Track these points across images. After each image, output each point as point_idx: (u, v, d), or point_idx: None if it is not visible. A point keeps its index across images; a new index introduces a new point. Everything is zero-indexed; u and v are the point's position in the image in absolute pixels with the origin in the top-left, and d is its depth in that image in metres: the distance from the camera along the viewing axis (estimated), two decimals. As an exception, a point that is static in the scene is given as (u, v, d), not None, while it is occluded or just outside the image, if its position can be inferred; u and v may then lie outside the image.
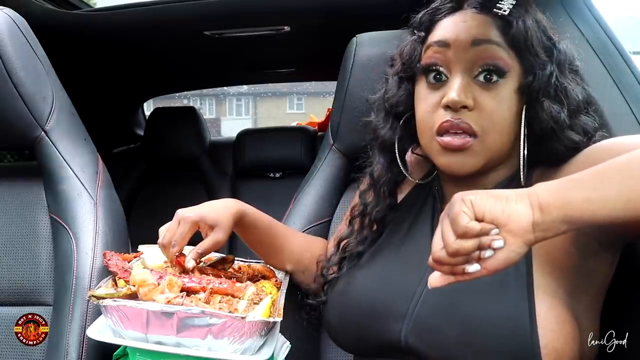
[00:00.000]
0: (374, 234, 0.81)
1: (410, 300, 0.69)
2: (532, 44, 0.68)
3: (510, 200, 0.52)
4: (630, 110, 0.79)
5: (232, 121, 9.80)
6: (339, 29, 1.19)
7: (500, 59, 0.68)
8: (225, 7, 1.39)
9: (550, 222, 0.50)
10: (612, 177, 0.51)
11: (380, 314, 0.71)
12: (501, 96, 0.68)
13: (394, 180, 0.81)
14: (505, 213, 0.51)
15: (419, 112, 0.75)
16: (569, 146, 0.68)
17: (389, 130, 0.80)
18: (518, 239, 0.51)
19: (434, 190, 0.80)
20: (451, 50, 0.70)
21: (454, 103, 0.68)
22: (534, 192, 0.52)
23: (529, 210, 0.51)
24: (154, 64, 2.02)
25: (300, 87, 7.80)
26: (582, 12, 0.88)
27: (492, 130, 0.68)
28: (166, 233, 0.77)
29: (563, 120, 0.67)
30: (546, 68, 0.68)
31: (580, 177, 0.52)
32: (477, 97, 0.68)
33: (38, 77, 0.94)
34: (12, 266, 0.92)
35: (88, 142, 1.01)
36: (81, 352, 0.83)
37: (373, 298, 0.72)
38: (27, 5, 1.31)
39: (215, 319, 0.64)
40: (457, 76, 0.69)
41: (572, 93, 0.69)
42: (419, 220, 0.79)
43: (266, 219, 0.87)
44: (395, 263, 0.75)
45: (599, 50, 0.84)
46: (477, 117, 0.68)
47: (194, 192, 2.20)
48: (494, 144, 0.69)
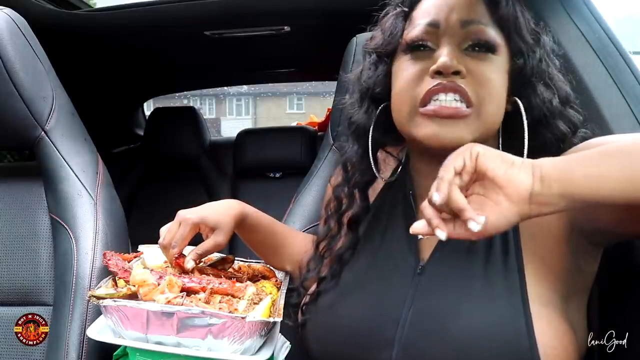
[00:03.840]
0: (350, 240, 0.76)
1: (397, 324, 0.64)
2: (520, 27, 0.66)
3: (515, 165, 0.51)
4: (630, 110, 0.78)
5: (232, 121, 9.79)
6: (339, 29, 1.19)
7: (490, 37, 0.65)
8: (225, 7, 1.39)
9: (549, 195, 0.50)
10: (614, 156, 0.51)
11: (366, 343, 0.66)
12: (494, 70, 0.65)
13: (366, 180, 0.77)
14: (507, 175, 0.50)
15: (397, 85, 0.69)
16: (557, 136, 0.66)
17: (364, 115, 0.75)
18: (513, 206, 0.50)
19: (407, 192, 0.75)
20: (440, 30, 0.66)
21: (446, 67, 0.62)
22: (538, 164, 0.51)
23: (529, 179, 0.50)
24: (154, 64, 2.02)
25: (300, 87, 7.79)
26: (582, 12, 0.88)
27: (487, 101, 0.64)
28: (166, 234, 0.77)
29: (555, 107, 0.66)
30: (536, 52, 0.66)
31: (582, 155, 0.52)
32: (469, 66, 0.64)
33: (38, 77, 0.94)
34: (12, 266, 0.92)
35: (88, 142, 1.01)
36: (81, 352, 0.83)
37: (358, 327, 0.67)
38: (27, 5, 1.31)
39: (215, 319, 0.64)
40: (446, 46, 0.65)
41: (560, 83, 0.68)
42: (392, 227, 0.74)
43: (267, 219, 0.87)
44: (376, 284, 0.70)
45: (599, 50, 0.84)
46: (472, 84, 0.63)
47: (194, 192, 2.21)
48: (489, 120, 0.65)
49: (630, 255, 0.70)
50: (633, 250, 0.70)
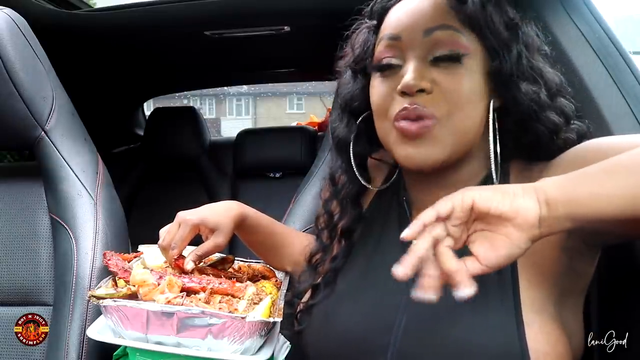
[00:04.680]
0: (344, 248, 0.75)
1: (390, 331, 0.64)
2: (492, 23, 0.64)
3: (517, 195, 0.51)
4: (630, 110, 0.78)
5: (232, 121, 9.79)
6: (339, 29, 1.19)
7: (456, 43, 0.63)
8: (225, 7, 1.39)
9: (556, 218, 0.50)
10: (618, 173, 0.50)
11: (360, 350, 0.66)
12: (463, 77, 0.63)
13: (355, 189, 0.76)
14: (513, 208, 0.50)
15: (374, 103, 0.69)
16: (550, 128, 0.65)
17: (345, 129, 0.74)
18: (524, 234, 0.50)
19: (401, 199, 0.75)
20: (402, 42, 0.66)
21: (409, 87, 0.63)
22: (541, 187, 0.51)
23: (536, 206, 0.50)
24: (154, 64, 2.02)
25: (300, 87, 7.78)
26: (582, 12, 0.88)
27: (454, 113, 0.63)
28: (166, 235, 0.77)
29: (543, 100, 0.65)
30: (512, 48, 0.65)
31: (586, 173, 0.52)
32: (436, 79, 0.64)
33: (38, 77, 0.94)
34: (12, 266, 0.92)
35: (88, 142, 1.01)
36: (81, 352, 0.83)
37: (353, 335, 0.67)
38: (27, 5, 1.31)
39: (215, 319, 0.64)
40: (412, 61, 0.65)
41: (548, 74, 0.67)
42: (386, 234, 0.73)
43: (267, 220, 0.87)
44: (366, 290, 0.69)
45: (599, 50, 0.84)
46: (437, 99, 0.63)
47: (194, 192, 2.21)
48: (458, 129, 0.64)
49: (630, 255, 0.70)
50: (633, 251, 0.70)
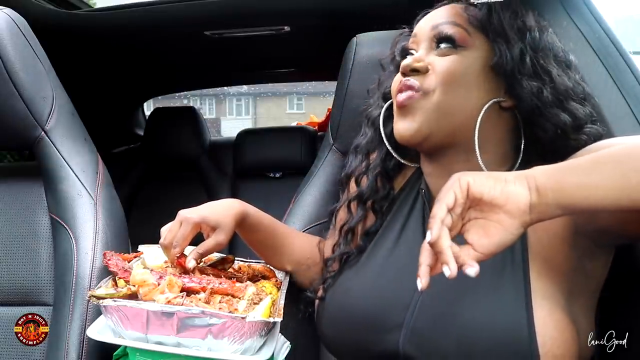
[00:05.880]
0: (376, 218, 0.80)
1: (406, 309, 0.68)
2: (497, 22, 0.69)
3: (508, 182, 0.53)
4: (631, 110, 0.78)
5: (232, 121, 9.77)
6: (339, 29, 1.19)
7: (456, 32, 0.70)
8: (225, 7, 1.39)
9: (546, 205, 0.52)
10: (606, 164, 0.51)
11: (376, 325, 0.70)
12: (457, 62, 0.69)
13: (386, 167, 0.81)
14: (504, 194, 0.52)
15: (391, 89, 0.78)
16: (558, 125, 0.67)
17: (378, 108, 0.82)
18: (515, 220, 0.52)
19: (420, 191, 0.79)
20: (417, 37, 0.75)
21: (403, 67, 0.71)
22: (531, 175, 0.53)
23: (526, 192, 0.52)
24: (154, 64, 2.02)
25: (300, 87, 7.78)
26: (582, 12, 0.88)
27: (443, 90, 0.69)
28: (167, 234, 0.77)
29: (546, 97, 0.67)
30: (514, 46, 0.68)
31: (575, 163, 0.53)
32: (432, 62, 0.70)
33: (38, 77, 0.94)
34: (12, 266, 0.92)
35: (88, 142, 1.01)
36: (81, 352, 0.83)
37: (369, 309, 0.71)
38: (27, 5, 1.31)
39: (215, 319, 0.64)
40: (419, 50, 0.74)
41: (559, 78, 0.68)
42: (411, 220, 0.78)
43: (268, 219, 0.87)
44: (389, 270, 0.74)
45: (599, 50, 0.84)
46: (428, 77, 0.70)
47: (194, 192, 2.21)
48: (442, 107, 0.69)
49: (630, 255, 0.70)
50: (633, 251, 0.70)
